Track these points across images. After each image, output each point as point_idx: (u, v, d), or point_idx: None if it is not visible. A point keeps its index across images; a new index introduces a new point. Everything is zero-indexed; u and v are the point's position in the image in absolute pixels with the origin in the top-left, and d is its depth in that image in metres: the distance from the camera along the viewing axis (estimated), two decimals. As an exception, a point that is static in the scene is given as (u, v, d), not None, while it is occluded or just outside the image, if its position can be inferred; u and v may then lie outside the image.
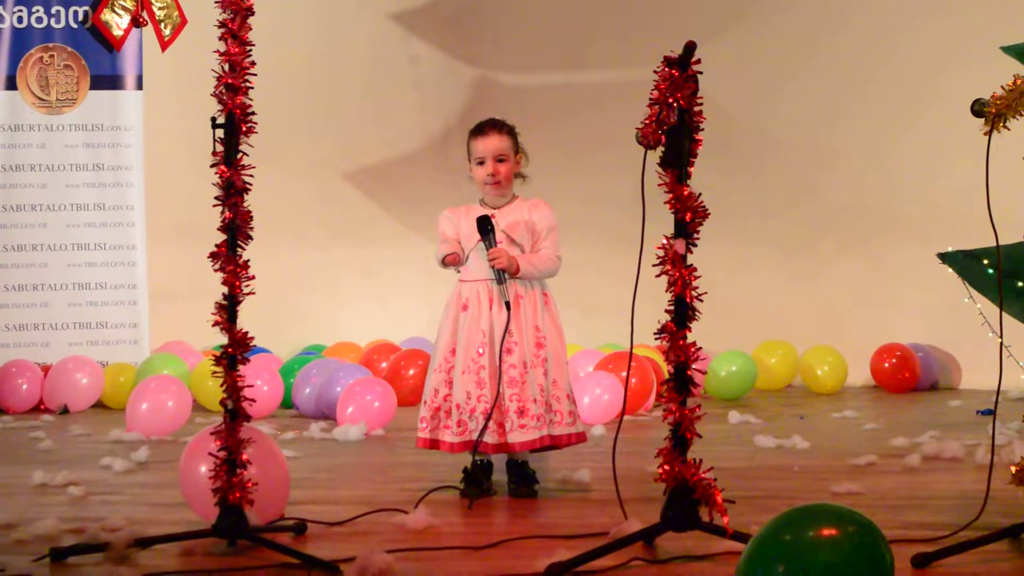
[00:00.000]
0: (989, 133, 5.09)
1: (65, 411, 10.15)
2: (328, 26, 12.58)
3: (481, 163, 6.48)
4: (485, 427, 6.30)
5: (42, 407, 10.32)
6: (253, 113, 5.03)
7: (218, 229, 5.00)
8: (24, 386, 10.29)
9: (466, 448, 6.39)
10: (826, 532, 3.76)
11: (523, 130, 6.66)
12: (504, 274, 6.29)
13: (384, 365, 10.72)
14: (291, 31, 11.66)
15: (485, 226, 6.32)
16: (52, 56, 11.15)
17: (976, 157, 4.99)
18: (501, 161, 6.46)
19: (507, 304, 6.28)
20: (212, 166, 4.99)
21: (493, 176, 6.45)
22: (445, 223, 6.58)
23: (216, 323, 5.01)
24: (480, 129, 6.55)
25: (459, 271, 6.54)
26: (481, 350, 6.38)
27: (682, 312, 4.87)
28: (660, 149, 4.88)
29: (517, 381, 6.34)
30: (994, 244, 5.27)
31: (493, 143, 6.47)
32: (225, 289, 5.00)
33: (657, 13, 12.10)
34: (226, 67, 5.01)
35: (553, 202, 6.60)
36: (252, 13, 5.05)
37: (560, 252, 6.48)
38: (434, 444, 6.46)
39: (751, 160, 11.99)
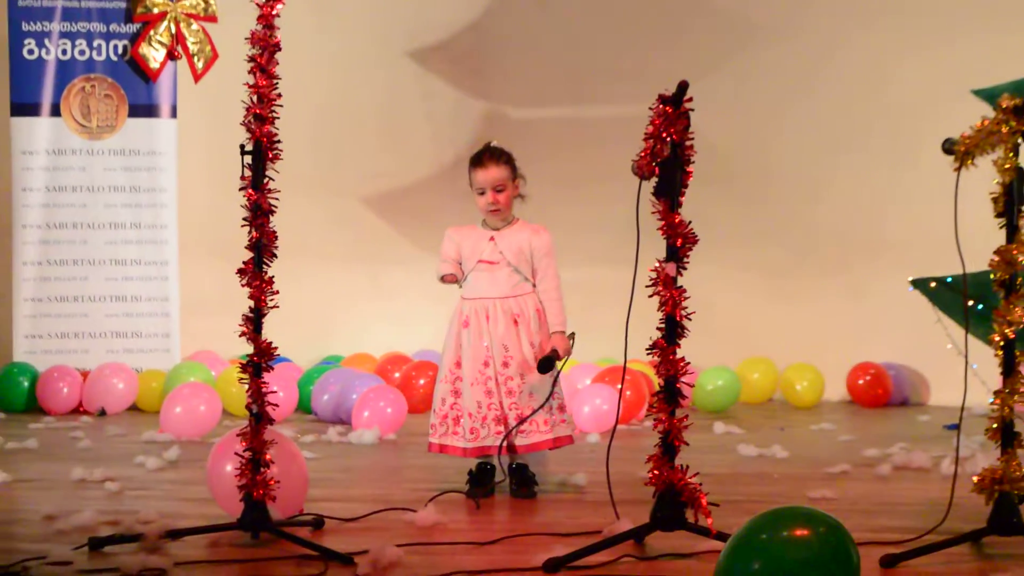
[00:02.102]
0: (958, 170, 5.13)
1: (102, 413, 10.17)
2: (350, 63, 12.60)
3: (482, 193, 6.50)
4: (508, 435, 6.35)
5: (81, 409, 10.34)
6: (279, 141, 5.06)
7: (246, 247, 5.04)
8: (65, 390, 10.31)
9: (480, 453, 6.44)
10: (798, 532, 3.79)
11: (527, 160, 6.68)
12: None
13: (397, 375, 10.74)
14: (317, 67, 11.68)
15: (550, 364, 6.34)
16: (93, 86, 11.18)
17: (945, 191, 5.03)
18: (500, 191, 6.46)
19: (555, 360, 6.38)
20: (241, 189, 5.02)
21: (493, 204, 6.47)
22: (448, 243, 6.59)
23: (243, 334, 5.05)
24: (479, 161, 6.52)
25: (461, 286, 6.58)
26: (486, 363, 6.42)
27: (672, 330, 4.90)
28: (654, 180, 4.92)
29: (515, 392, 6.38)
30: (961, 272, 5.31)
31: (492, 174, 6.47)
32: (251, 303, 5.04)
33: (653, 54, 12.11)
34: (255, 98, 5.05)
35: (554, 226, 6.63)
36: (279, 49, 5.09)
37: (557, 272, 6.53)
38: (443, 449, 6.50)
39: (739, 191, 12.00)
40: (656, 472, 4.92)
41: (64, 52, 11.13)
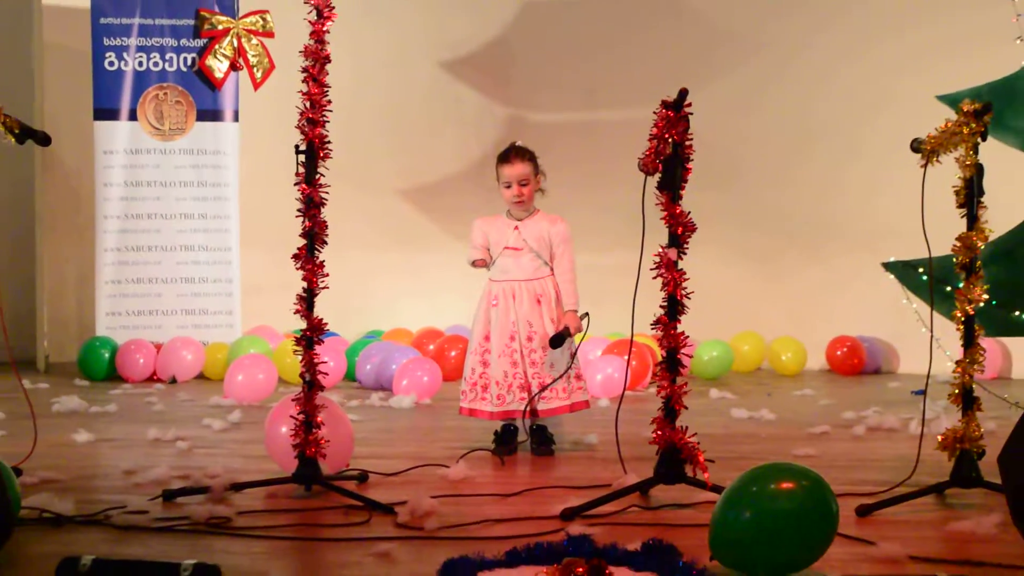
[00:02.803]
0: (925, 166, 5.12)
1: (174, 381, 10.20)
2: (391, 73, 12.61)
3: (508, 186, 6.51)
4: (531, 401, 6.37)
5: (155, 377, 10.37)
6: (329, 142, 5.07)
7: (300, 235, 5.05)
8: (141, 360, 10.35)
9: (505, 416, 6.45)
10: (785, 485, 3.80)
11: (546, 159, 6.68)
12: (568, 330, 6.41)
13: (431, 347, 10.75)
14: (362, 77, 11.66)
15: (561, 340, 6.38)
16: (166, 94, 11.20)
17: (914, 185, 5.02)
18: (524, 184, 6.49)
19: (565, 336, 6.39)
20: (295, 184, 5.03)
21: (518, 197, 6.49)
22: (477, 232, 6.61)
23: (297, 311, 5.06)
24: (506, 157, 6.55)
25: (489, 269, 6.59)
26: (512, 338, 6.43)
27: (673, 307, 4.91)
28: (657, 175, 4.92)
29: (538, 363, 6.40)
30: (927, 256, 5.31)
31: (517, 170, 6.49)
32: (304, 284, 5.05)
33: (657, 63, 12.10)
34: (307, 104, 5.06)
35: (570, 216, 6.63)
36: (329, 61, 5.10)
37: (572, 257, 6.54)
38: (473, 412, 6.52)
39: (732, 185, 11.98)
40: (659, 432, 4.92)
41: (140, 64, 11.16)
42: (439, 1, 12.74)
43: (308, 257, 5.05)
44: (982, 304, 5.08)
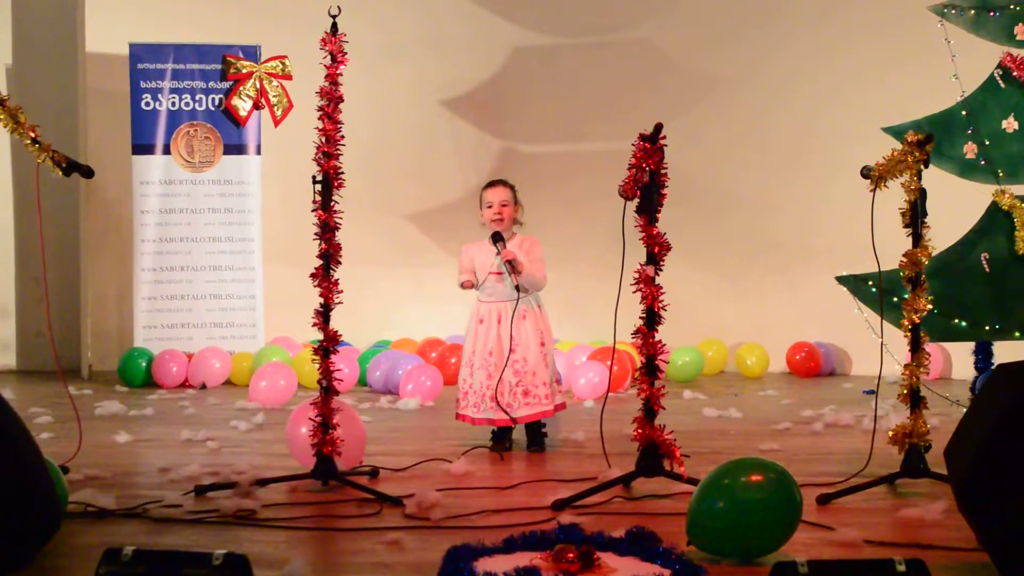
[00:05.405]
0: (873, 190, 5.12)
1: (204, 387, 10.17)
2: (397, 110, 12.60)
3: (490, 207, 6.51)
4: (509, 405, 6.35)
5: (187, 384, 10.34)
6: (342, 173, 5.07)
7: (317, 256, 5.04)
8: (174, 368, 10.32)
9: (484, 423, 6.42)
10: (754, 478, 3.78)
11: (534, 186, 6.71)
12: (512, 264, 6.32)
13: (434, 355, 10.72)
14: (370, 113, 11.65)
15: (498, 236, 6.40)
16: (196, 130, 11.19)
17: (864, 207, 5.01)
18: (504, 206, 6.49)
19: (517, 288, 6.30)
20: (312, 211, 5.02)
21: (498, 215, 6.48)
22: (463, 257, 6.61)
23: (315, 324, 5.06)
24: (490, 183, 6.61)
25: (478, 289, 6.56)
26: (491, 353, 6.40)
27: (651, 318, 4.89)
28: (636, 200, 4.92)
29: (521, 372, 6.38)
30: (877, 270, 5.30)
31: (499, 193, 6.51)
32: (321, 300, 5.04)
33: (636, 100, 12.12)
34: (323, 139, 5.05)
35: (556, 237, 6.66)
36: (342, 100, 5.10)
37: (543, 268, 6.49)
38: (462, 418, 6.50)
39: (703, 209, 11.96)
40: (639, 430, 4.91)
41: (173, 104, 11.15)
42: (440, 48, 12.74)
43: (324, 276, 5.04)
44: (926, 313, 5.08)
